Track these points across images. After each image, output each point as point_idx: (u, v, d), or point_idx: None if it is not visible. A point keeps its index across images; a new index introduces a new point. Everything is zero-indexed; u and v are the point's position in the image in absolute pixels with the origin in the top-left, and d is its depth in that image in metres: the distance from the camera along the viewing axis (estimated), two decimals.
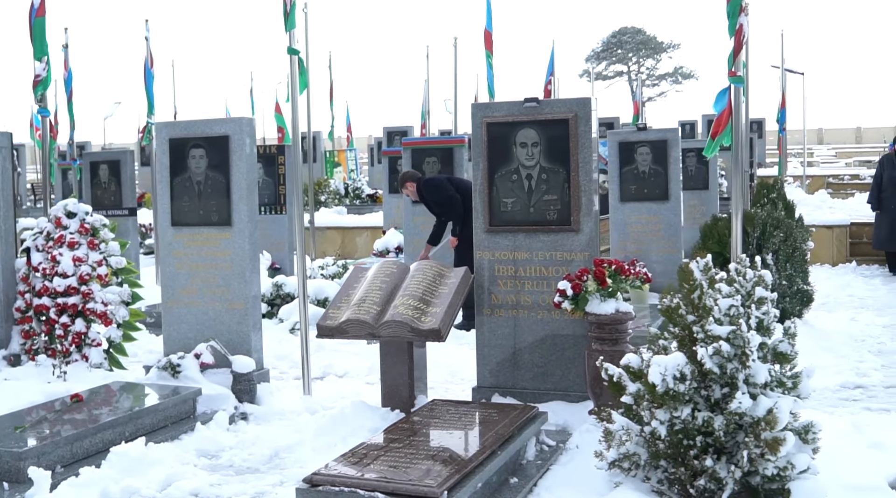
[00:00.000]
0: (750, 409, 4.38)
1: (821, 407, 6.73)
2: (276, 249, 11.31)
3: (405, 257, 10.90)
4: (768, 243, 8.41)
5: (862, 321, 9.84)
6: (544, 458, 5.30)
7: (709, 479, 4.51)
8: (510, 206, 6.11)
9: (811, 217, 14.72)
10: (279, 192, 11.18)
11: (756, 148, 23.70)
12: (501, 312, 6.22)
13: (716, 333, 4.42)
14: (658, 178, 10.00)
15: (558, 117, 5.95)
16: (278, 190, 11.19)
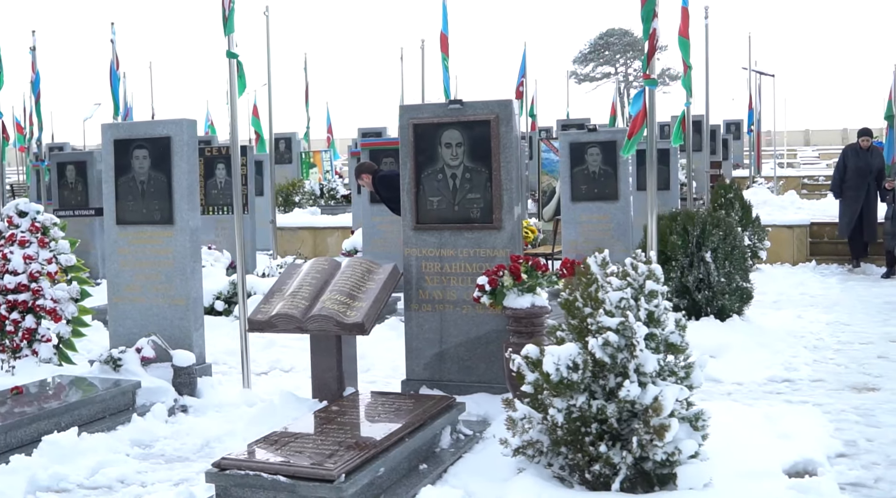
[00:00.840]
0: (639, 397, 4.60)
1: (744, 399, 6.95)
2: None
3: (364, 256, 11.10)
4: (707, 242, 8.62)
5: (807, 318, 10.06)
6: (459, 446, 5.51)
7: (603, 464, 4.72)
8: (436, 204, 6.32)
9: (774, 217, 15.00)
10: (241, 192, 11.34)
11: (731, 149, 23.95)
12: (428, 308, 6.43)
13: (606, 324, 4.64)
14: (608, 179, 10.22)
15: (481, 119, 6.16)
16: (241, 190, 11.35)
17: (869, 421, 6.34)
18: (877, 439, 5.91)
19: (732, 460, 5.17)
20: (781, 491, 4.72)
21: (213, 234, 11.38)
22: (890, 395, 7.02)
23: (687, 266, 8.65)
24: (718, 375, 7.55)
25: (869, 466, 5.42)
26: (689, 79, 10.35)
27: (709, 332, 8.43)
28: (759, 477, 4.91)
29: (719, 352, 8.09)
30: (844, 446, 5.76)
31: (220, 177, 11.42)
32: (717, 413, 6.27)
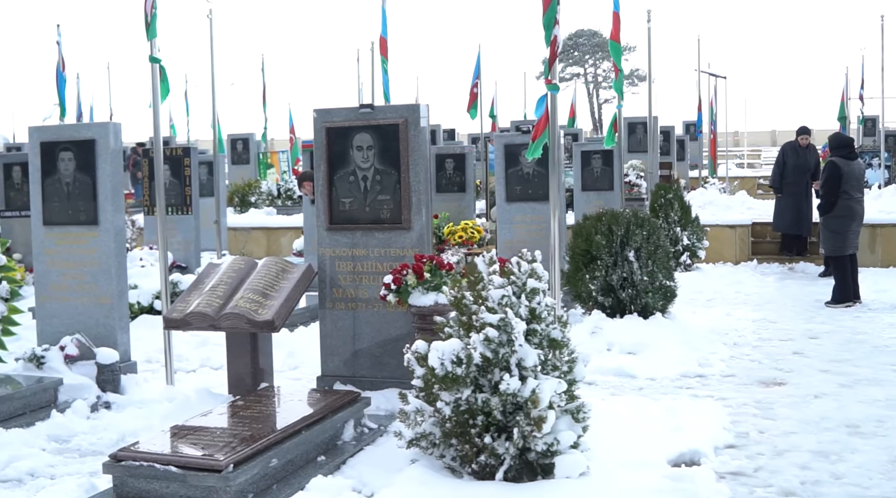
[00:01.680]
0: (519, 390, 4.81)
1: (654, 393, 7.17)
2: (184, 249, 11.67)
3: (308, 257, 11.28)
4: (631, 242, 8.84)
5: (735, 316, 10.31)
6: (362, 439, 5.71)
7: (489, 455, 4.94)
8: (348, 205, 6.52)
9: (718, 217, 15.28)
10: (185, 193, 11.54)
11: (688, 150, 24.27)
12: (342, 306, 6.62)
13: (487, 320, 4.85)
14: (541, 180, 10.43)
15: (390, 122, 6.36)
16: (185, 191, 11.54)
17: (766, 414, 6.58)
18: (769, 431, 6.15)
19: (620, 451, 5.40)
20: (657, 480, 4.94)
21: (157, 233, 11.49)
22: (793, 389, 7.27)
23: (611, 265, 8.87)
24: (634, 370, 7.78)
25: (754, 456, 5.65)
26: (620, 82, 10.58)
27: (631, 329, 8.67)
28: (640, 466, 5.14)
29: (639, 349, 8.33)
30: (736, 438, 5.99)
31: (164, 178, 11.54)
32: (621, 407, 6.55)
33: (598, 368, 7.82)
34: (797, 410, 6.65)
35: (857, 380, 7.52)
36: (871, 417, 6.43)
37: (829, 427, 6.24)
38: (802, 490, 5.09)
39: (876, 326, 9.74)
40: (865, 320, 10.10)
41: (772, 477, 5.29)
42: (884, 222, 14.05)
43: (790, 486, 5.14)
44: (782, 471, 5.38)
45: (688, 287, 12.04)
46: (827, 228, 11.02)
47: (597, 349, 8.37)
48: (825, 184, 10.81)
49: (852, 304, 10.85)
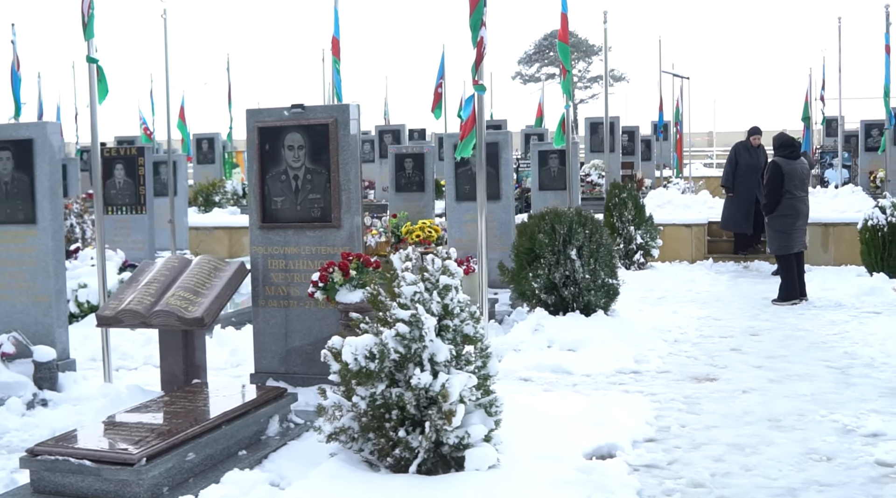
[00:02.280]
0: (430, 384, 4.91)
1: (586, 389, 7.29)
2: (137, 248, 11.71)
3: None
4: (573, 240, 8.96)
5: (682, 314, 10.45)
6: (287, 434, 5.79)
7: (404, 448, 5.03)
8: (280, 204, 6.60)
9: (675, 216, 15.44)
10: (139, 192, 11.58)
11: (655, 150, 24.45)
12: (274, 303, 6.70)
13: (399, 316, 4.95)
14: (490, 179, 10.53)
15: (320, 122, 6.44)
16: (138, 190, 11.59)
17: (692, 409, 6.71)
18: (690, 425, 6.28)
19: (538, 444, 5.51)
20: (568, 472, 5.05)
21: (112, 233, 11.57)
22: (724, 384, 7.40)
23: (554, 263, 8.99)
24: (571, 367, 7.88)
25: (671, 449, 5.77)
26: (568, 83, 10.70)
27: (573, 326, 8.79)
28: (553, 459, 5.24)
29: (579, 345, 8.45)
30: (657, 432, 6.11)
31: (118, 177, 11.61)
32: (549, 402, 6.66)
33: (535, 364, 7.93)
34: (722, 405, 6.78)
35: (787, 375, 7.66)
36: (794, 412, 6.57)
37: (750, 421, 6.37)
38: (711, 482, 5.20)
39: (817, 324, 9.89)
40: (808, 317, 10.26)
41: (684, 469, 5.40)
42: (836, 221, 14.25)
43: (700, 478, 5.25)
44: (695, 463, 5.50)
45: (640, 285, 12.23)
46: (772, 228, 11.19)
47: (537, 346, 8.50)
48: (768, 184, 10.97)
49: (798, 301, 11.01)
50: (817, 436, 6.00)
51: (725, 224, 14.42)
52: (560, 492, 4.81)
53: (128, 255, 11.73)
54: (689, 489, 5.10)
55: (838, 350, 8.61)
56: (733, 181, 14.20)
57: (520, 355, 8.32)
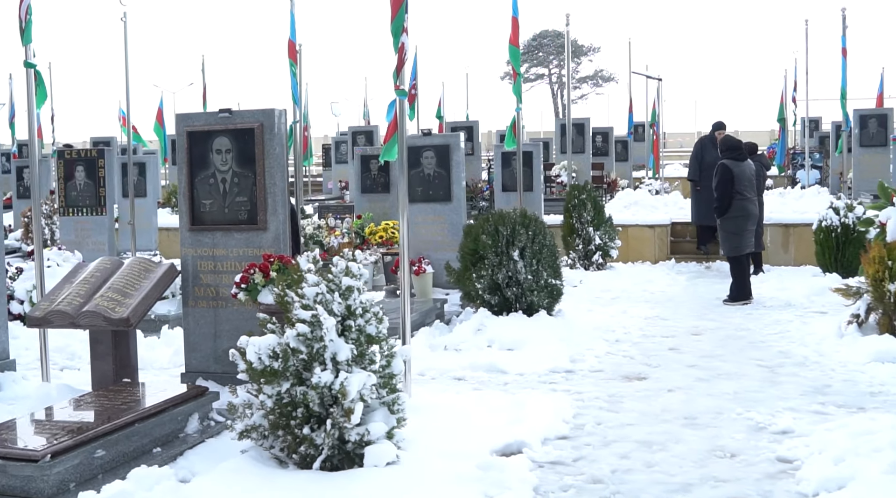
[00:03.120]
0: (331, 383, 5.05)
1: (515, 388, 7.42)
2: (98, 248, 11.83)
3: None
4: (516, 241, 9.10)
5: (631, 313, 10.59)
6: (206, 432, 5.93)
7: (309, 445, 5.18)
8: (208, 207, 6.73)
9: (640, 217, 15.57)
10: (99, 194, 11.72)
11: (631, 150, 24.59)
12: (204, 304, 6.84)
13: (301, 316, 5.09)
14: (441, 181, 10.68)
15: (246, 127, 6.58)
16: (98, 192, 11.72)
17: (613, 407, 6.85)
18: (606, 423, 6.42)
19: (447, 442, 5.65)
20: (468, 469, 5.19)
21: (73, 234, 11.71)
22: (652, 383, 7.54)
23: (497, 264, 9.12)
24: (506, 366, 8.02)
25: (580, 446, 5.91)
26: (518, 86, 10.85)
27: (514, 326, 8.92)
28: (458, 457, 5.37)
29: (519, 345, 8.59)
30: (571, 430, 6.25)
31: (79, 179, 11.74)
32: (473, 400, 6.80)
33: (470, 364, 8.08)
34: (644, 403, 6.92)
35: (717, 374, 7.80)
36: (712, 410, 6.71)
37: (667, 419, 6.52)
38: (610, 478, 5.34)
39: (761, 323, 10.04)
40: (755, 317, 10.41)
41: (588, 466, 5.54)
42: (797, 222, 14.39)
43: (601, 474, 5.39)
44: (600, 460, 5.64)
45: (597, 286, 12.38)
46: (724, 230, 11.34)
47: (477, 346, 8.64)
48: (718, 186, 11.12)
49: (748, 301, 11.16)
50: (727, 433, 6.15)
51: (696, 218, 14.56)
52: (455, 488, 4.96)
53: (88, 256, 11.86)
54: (587, 485, 5.24)
55: (774, 349, 8.76)
56: (700, 175, 14.33)
57: (460, 355, 8.47)
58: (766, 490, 5.12)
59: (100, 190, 11.67)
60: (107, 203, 11.73)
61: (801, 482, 5.18)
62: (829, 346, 8.65)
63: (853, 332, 8.80)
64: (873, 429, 5.93)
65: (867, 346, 8.25)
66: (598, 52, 55.72)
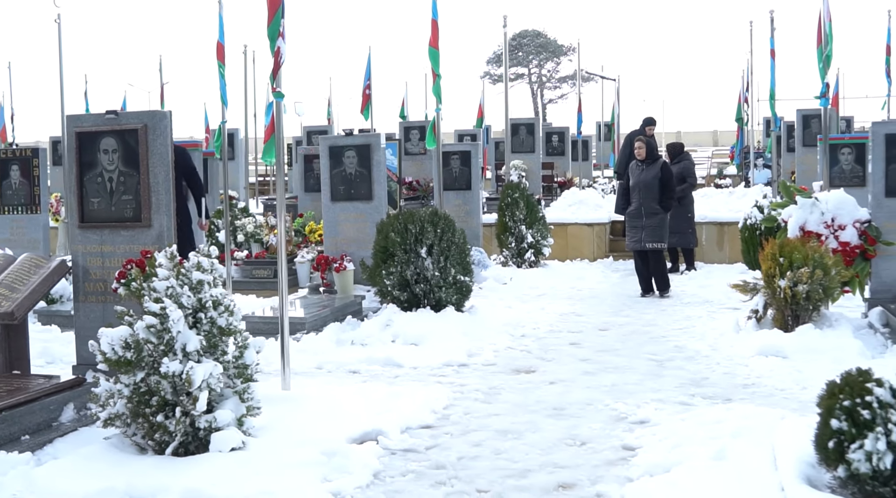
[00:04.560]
0: (179, 372, 5.29)
1: (403, 381, 7.66)
2: (33, 247, 12.03)
3: None
4: (424, 239, 9.34)
5: (548, 310, 10.84)
6: (81, 421, 6.16)
7: (163, 432, 5.42)
8: (97, 205, 6.97)
9: (579, 216, 15.83)
10: (34, 193, 11.94)
11: (593, 150, 24.84)
12: (93, 299, 7.08)
13: (151, 309, 5.33)
14: (363, 180, 10.92)
15: (131, 128, 6.82)
16: (33, 191, 11.94)
17: (490, 398, 7.08)
18: (475, 414, 6.66)
19: (307, 430, 5.88)
20: (314, 455, 5.42)
21: (8, 232, 11.91)
22: (538, 376, 7.79)
23: (405, 261, 9.37)
24: (403, 360, 8.26)
25: (439, 435, 6.15)
26: (438, 87, 11.08)
27: (421, 322, 9.17)
28: (309, 444, 5.60)
29: (422, 340, 8.83)
30: (437, 420, 6.49)
31: (14, 178, 11.95)
32: (354, 392, 7.03)
33: (367, 358, 8.32)
34: (521, 395, 7.16)
35: (605, 368, 8.05)
36: (584, 401, 6.95)
37: (536, 410, 6.76)
38: (455, 465, 5.58)
39: (671, 319, 10.30)
40: (669, 313, 10.68)
41: (438, 453, 5.78)
42: (730, 220, 14.66)
43: (446, 460, 5.63)
44: (453, 448, 5.87)
45: (525, 283, 12.63)
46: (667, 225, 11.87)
47: (382, 341, 8.88)
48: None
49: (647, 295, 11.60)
50: (587, 423, 6.39)
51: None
52: (295, 472, 5.20)
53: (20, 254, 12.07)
54: (428, 471, 5.48)
55: (671, 344, 9.02)
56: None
57: (364, 349, 8.72)
58: (598, 475, 5.36)
59: (34, 189, 11.90)
60: (41, 201, 11.96)
61: (632, 468, 5.43)
62: (725, 341, 8.91)
63: (751, 327, 9.06)
64: (725, 418, 6.21)
65: (756, 340, 8.51)
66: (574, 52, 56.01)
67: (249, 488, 4.94)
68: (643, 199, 11.88)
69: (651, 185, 11.87)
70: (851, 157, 13.73)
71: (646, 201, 11.85)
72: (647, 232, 11.80)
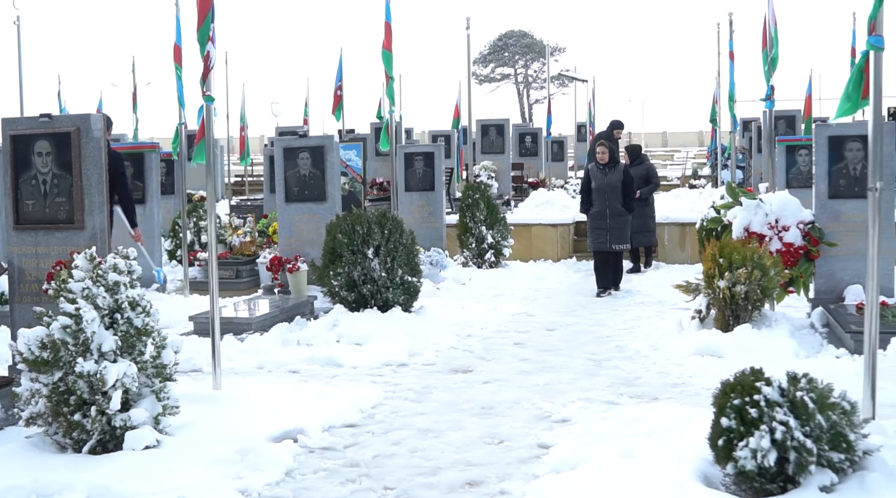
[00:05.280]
0: (94, 372, 5.38)
1: (343, 381, 7.73)
2: None
3: None
4: (371, 240, 9.44)
5: (501, 310, 10.94)
6: (9, 420, 6.24)
7: (80, 431, 5.51)
8: (31, 207, 7.05)
9: (544, 216, 15.92)
10: None
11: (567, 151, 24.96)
12: (29, 300, 7.14)
13: (66, 310, 5.42)
14: (317, 181, 11.02)
15: (64, 131, 6.90)
16: None
17: (420, 398, 7.18)
18: (401, 412, 6.76)
19: (227, 429, 5.98)
20: (228, 453, 5.52)
21: None
22: (474, 376, 7.88)
23: (352, 262, 9.47)
24: (343, 360, 8.34)
25: (360, 434, 6.25)
26: (391, 89, 11.18)
27: (367, 322, 9.26)
28: (226, 442, 5.69)
29: (366, 340, 8.91)
30: (362, 418, 6.58)
31: None
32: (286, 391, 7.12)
33: (310, 357, 8.41)
34: (451, 395, 7.26)
35: (542, 368, 8.15)
36: (512, 400, 7.05)
37: (463, 409, 6.86)
38: (370, 463, 5.68)
39: (621, 319, 10.41)
40: (620, 313, 10.79)
41: (355, 451, 5.88)
42: (692, 221, 14.72)
43: (361, 459, 5.73)
44: (371, 446, 5.97)
45: (484, 283, 12.73)
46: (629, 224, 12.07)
47: (327, 341, 8.97)
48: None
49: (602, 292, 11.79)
50: (510, 422, 6.49)
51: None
52: (206, 470, 5.29)
53: None
54: (340, 468, 5.58)
55: (614, 344, 9.12)
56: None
57: (309, 349, 8.78)
58: (508, 473, 5.46)
59: None
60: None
61: (541, 465, 5.53)
62: (668, 340, 9.02)
63: (694, 327, 9.19)
64: (644, 417, 6.33)
65: (695, 340, 8.63)
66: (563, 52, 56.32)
67: (157, 485, 5.03)
68: (609, 201, 12.13)
69: (616, 188, 12.15)
70: (809, 158, 13.83)
71: (611, 204, 12.12)
72: (613, 234, 12.09)
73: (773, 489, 4.65)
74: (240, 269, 12.76)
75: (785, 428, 4.55)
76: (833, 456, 4.59)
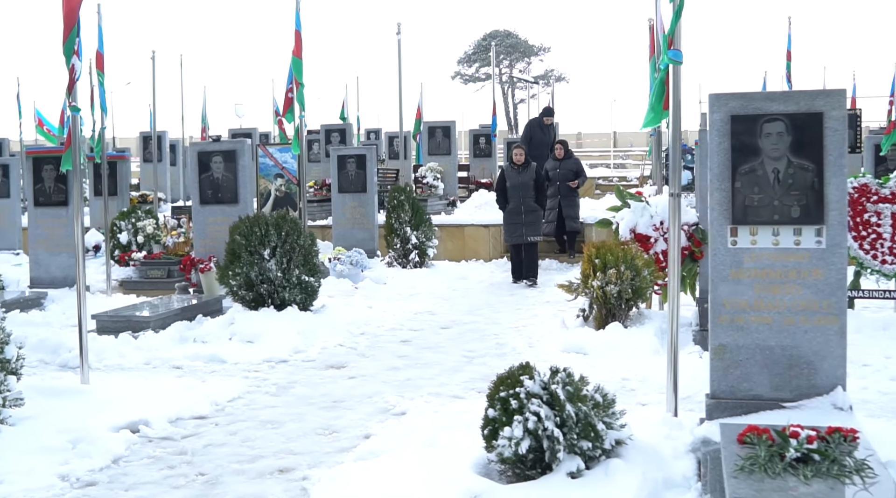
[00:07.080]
0: None
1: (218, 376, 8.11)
2: None
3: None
4: (268, 241, 9.85)
5: (405, 308, 11.31)
6: None
7: None
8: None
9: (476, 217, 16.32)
10: None
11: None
12: None
13: None
14: (229, 184, 11.43)
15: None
16: None
17: (279, 392, 7.57)
18: (254, 405, 7.17)
19: (77, 421, 6.40)
20: (60, 442, 5.94)
21: None
22: (345, 371, 8.27)
23: (249, 263, 9.88)
24: (227, 357, 8.72)
25: (205, 425, 6.65)
26: (301, 95, 11.59)
27: (261, 320, 9.66)
28: (66, 431, 6.11)
29: (257, 338, 9.31)
30: (213, 411, 6.97)
31: None
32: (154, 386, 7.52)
33: (195, 354, 8.80)
34: (312, 389, 7.65)
35: (415, 364, 8.54)
36: (365, 394, 7.43)
37: (315, 402, 7.25)
38: (199, 451, 6.06)
39: (518, 318, 10.80)
40: (521, 312, 11.19)
41: (191, 441, 6.27)
42: None
43: (192, 448, 6.13)
44: (207, 436, 6.38)
45: (404, 283, 13.11)
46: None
47: (220, 338, 9.37)
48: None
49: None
50: (350, 415, 6.89)
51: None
52: (37, 457, 5.71)
53: None
54: (168, 456, 5.99)
55: (495, 342, 9.51)
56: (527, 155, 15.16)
57: (203, 346, 9.18)
58: (320, 461, 5.85)
59: None
60: None
61: (351, 454, 5.92)
62: (549, 338, 9.38)
63: (576, 325, 9.58)
64: (471, 410, 6.63)
65: (567, 338, 9.01)
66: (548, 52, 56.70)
67: None
68: (523, 198, 13.05)
69: (529, 186, 12.97)
70: None
71: (525, 200, 13.04)
72: (528, 228, 13.13)
73: (534, 475, 5.05)
74: (171, 268, 13.16)
75: (537, 418, 4.96)
76: (584, 444, 4.99)
